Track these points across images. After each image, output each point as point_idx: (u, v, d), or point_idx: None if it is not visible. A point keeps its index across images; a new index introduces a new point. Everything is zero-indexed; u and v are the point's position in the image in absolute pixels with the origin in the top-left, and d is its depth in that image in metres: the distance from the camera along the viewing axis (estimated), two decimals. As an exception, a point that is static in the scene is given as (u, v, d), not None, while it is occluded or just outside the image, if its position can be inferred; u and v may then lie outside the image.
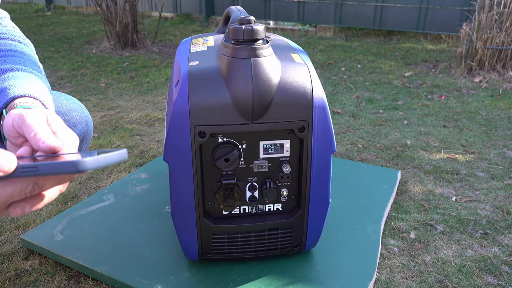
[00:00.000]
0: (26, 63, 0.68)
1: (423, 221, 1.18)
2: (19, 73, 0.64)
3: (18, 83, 0.60)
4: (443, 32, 3.44)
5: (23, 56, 0.70)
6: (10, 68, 0.65)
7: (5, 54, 0.69)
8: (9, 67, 0.65)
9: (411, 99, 2.20)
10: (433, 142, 1.69)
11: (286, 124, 0.79)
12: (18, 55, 0.70)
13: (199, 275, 0.93)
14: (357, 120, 1.92)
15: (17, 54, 0.70)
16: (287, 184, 0.87)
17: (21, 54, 0.71)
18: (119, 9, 3.22)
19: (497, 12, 2.43)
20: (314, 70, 0.82)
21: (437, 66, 2.80)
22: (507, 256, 1.05)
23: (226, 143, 0.81)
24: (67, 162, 0.38)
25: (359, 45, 3.47)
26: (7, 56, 0.68)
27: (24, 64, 0.68)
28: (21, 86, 0.59)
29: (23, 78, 0.62)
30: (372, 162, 1.52)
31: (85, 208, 1.18)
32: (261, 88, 0.75)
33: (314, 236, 0.93)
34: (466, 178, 1.41)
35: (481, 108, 2.07)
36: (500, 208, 1.24)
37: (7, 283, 0.96)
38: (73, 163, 0.37)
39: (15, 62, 0.67)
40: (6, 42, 0.72)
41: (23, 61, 0.68)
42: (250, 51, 0.76)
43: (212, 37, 1.02)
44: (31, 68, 0.68)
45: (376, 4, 3.61)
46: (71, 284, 0.96)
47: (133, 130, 1.84)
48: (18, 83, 0.60)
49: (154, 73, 2.77)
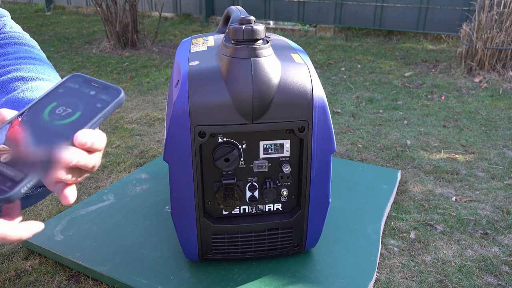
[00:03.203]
0: (48, 71, 0.71)
1: (423, 221, 1.18)
2: (44, 83, 0.66)
3: None
4: (443, 32, 3.44)
5: (42, 63, 0.72)
6: (35, 77, 0.66)
7: (26, 62, 0.71)
8: (34, 76, 0.66)
9: (411, 99, 2.20)
10: (433, 142, 1.69)
11: (286, 124, 0.79)
12: (37, 63, 0.72)
13: (199, 275, 0.93)
14: (357, 120, 1.92)
15: (36, 62, 0.72)
16: (287, 184, 0.87)
17: (39, 62, 0.73)
18: (119, 9, 3.22)
19: (497, 12, 2.43)
20: (314, 70, 0.82)
21: (437, 66, 2.80)
22: (507, 256, 1.05)
23: (226, 143, 0.81)
24: None
25: (359, 45, 3.47)
26: (29, 64, 0.70)
27: (47, 73, 0.70)
28: None
29: None
30: (372, 162, 1.52)
31: (85, 208, 1.18)
32: (261, 88, 0.75)
33: (314, 236, 0.93)
34: (466, 178, 1.41)
35: (481, 108, 2.07)
36: (500, 208, 1.24)
37: (7, 283, 0.96)
38: None
39: (38, 71, 0.69)
40: (24, 49, 0.74)
41: (45, 69, 0.71)
42: (250, 51, 0.76)
43: (212, 37, 1.02)
44: (53, 77, 0.70)
45: (376, 4, 3.61)
46: (71, 284, 0.96)
47: (133, 130, 1.84)
48: None
49: (154, 73, 2.77)
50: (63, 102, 0.42)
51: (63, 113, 0.41)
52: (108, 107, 0.42)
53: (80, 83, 0.44)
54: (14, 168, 0.37)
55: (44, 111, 0.41)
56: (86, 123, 0.40)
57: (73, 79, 0.44)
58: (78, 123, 0.40)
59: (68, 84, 0.44)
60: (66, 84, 0.44)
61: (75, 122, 0.40)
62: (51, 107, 0.42)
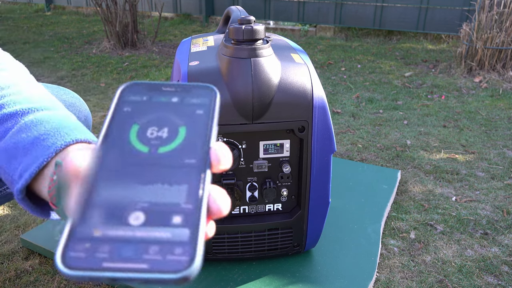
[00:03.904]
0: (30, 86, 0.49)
1: (423, 221, 1.18)
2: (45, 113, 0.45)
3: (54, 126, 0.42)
4: (443, 32, 3.44)
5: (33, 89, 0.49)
6: (34, 107, 0.45)
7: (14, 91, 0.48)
8: (28, 108, 0.45)
9: (411, 99, 2.20)
10: (433, 142, 1.69)
11: (286, 124, 0.79)
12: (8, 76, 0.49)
13: (199, 275, 0.93)
14: (357, 120, 1.92)
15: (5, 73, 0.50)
16: (287, 184, 0.87)
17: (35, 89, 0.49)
18: (119, 9, 3.22)
19: (497, 12, 2.43)
20: (314, 70, 0.82)
21: (437, 66, 2.80)
22: (507, 256, 1.05)
23: (226, 143, 0.81)
24: None
25: (359, 45, 3.46)
26: None
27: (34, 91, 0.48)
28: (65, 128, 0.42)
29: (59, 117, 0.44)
30: (372, 162, 1.52)
31: (85, 208, 1.18)
32: (261, 88, 0.75)
33: (314, 236, 0.93)
34: (466, 178, 1.41)
35: (481, 108, 2.07)
36: (500, 208, 1.24)
37: (7, 283, 0.96)
38: None
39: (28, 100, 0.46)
40: None
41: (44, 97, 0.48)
42: (250, 51, 0.76)
43: (212, 37, 1.02)
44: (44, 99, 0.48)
45: (376, 4, 3.61)
46: (71, 284, 0.96)
47: (133, 130, 1.83)
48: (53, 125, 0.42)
49: (154, 73, 2.77)
50: (146, 122, 0.30)
51: (161, 135, 0.29)
52: (214, 110, 0.31)
53: (146, 92, 0.32)
54: (165, 228, 0.25)
55: (129, 141, 0.29)
56: (206, 137, 0.29)
57: (132, 90, 0.32)
58: (195, 141, 0.29)
59: (131, 98, 0.31)
60: (127, 98, 0.31)
61: (190, 140, 0.29)
62: (135, 134, 0.29)
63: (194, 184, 0.27)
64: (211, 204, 0.27)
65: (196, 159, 0.28)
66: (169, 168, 0.27)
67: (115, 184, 0.27)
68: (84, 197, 0.26)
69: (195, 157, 0.28)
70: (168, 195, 0.26)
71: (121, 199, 0.26)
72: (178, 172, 0.27)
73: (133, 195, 0.26)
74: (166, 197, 0.26)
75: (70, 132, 0.41)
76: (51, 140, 0.40)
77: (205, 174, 0.27)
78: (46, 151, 0.39)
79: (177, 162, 0.28)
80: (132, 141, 0.29)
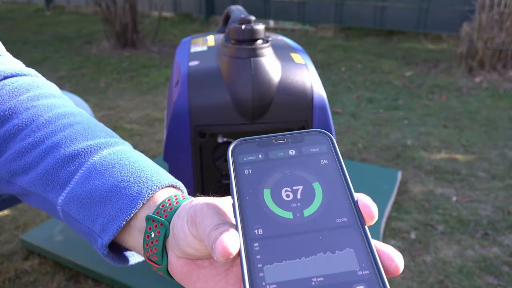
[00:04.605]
0: (100, 129, 0.43)
1: (424, 221, 1.18)
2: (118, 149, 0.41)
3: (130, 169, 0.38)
4: (444, 32, 3.44)
5: (84, 120, 0.43)
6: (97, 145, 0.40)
7: (64, 124, 0.42)
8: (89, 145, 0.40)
9: (411, 99, 2.20)
10: (433, 142, 1.69)
11: (286, 124, 0.79)
12: (80, 119, 0.43)
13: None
14: (357, 120, 1.92)
15: (78, 119, 0.43)
16: (287, 184, 0.87)
17: (81, 118, 0.44)
18: (118, 9, 3.22)
19: (498, 12, 2.43)
20: (314, 70, 0.82)
21: (438, 66, 2.79)
22: (508, 256, 1.04)
23: (226, 143, 0.81)
24: None
25: (359, 45, 3.46)
26: (69, 125, 0.42)
27: (98, 130, 0.43)
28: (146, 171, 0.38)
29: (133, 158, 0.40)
30: (372, 162, 1.52)
31: (85, 208, 1.18)
32: (261, 88, 0.75)
33: (315, 236, 0.93)
34: (467, 178, 1.41)
35: (481, 108, 2.07)
36: (500, 208, 1.24)
37: (7, 283, 0.96)
38: None
39: (90, 135, 0.41)
40: (56, 104, 0.44)
41: (94, 128, 0.42)
42: (250, 51, 0.75)
43: (212, 37, 1.02)
44: (114, 137, 0.43)
45: (376, 4, 3.61)
46: (70, 284, 0.96)
47: (133, 130, 1.83)
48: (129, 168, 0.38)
49: (154, 73, 2.77)
50: (275, 184, 0.28)
51: (297, 196, 0.27)
52: (339, 157, 0.29)
53: (258, 149, 0.30)
54: None
55: (269, 209, 0.26)
56: (346, 190, 0.27)
57: (243, 149, 0.30)
58: (337, 196, 0.27)
59: (247, 159, 0.29)
60: (242, 160, 0.29)
61: (331, 197, 0.27)
62: (270, 199, 0.27)
63: (359, 246, 0.25)
64: (388, 263, 0.25)
65: (347, 217, 0.26)
66: (323, 232, 0.25)
67: (280, 263, 0.24)
68: (257, 283, 0.23)
69: (345, 214, 0.26)
70: (338, 264, 0.24)
71: (294, 280, 0.24)
72: (335, 235, 0.25)
73: (303, 272, 0.24)
74: (337, 266, 0.24)
75: (150, 176, 0.37)
76: (134, 188, 0.36)
77: (364, 231, 0.25)
78: (131, 202, 0.36)
79: (328, 224, 0.25)
80: (272, 208, 0.26)
